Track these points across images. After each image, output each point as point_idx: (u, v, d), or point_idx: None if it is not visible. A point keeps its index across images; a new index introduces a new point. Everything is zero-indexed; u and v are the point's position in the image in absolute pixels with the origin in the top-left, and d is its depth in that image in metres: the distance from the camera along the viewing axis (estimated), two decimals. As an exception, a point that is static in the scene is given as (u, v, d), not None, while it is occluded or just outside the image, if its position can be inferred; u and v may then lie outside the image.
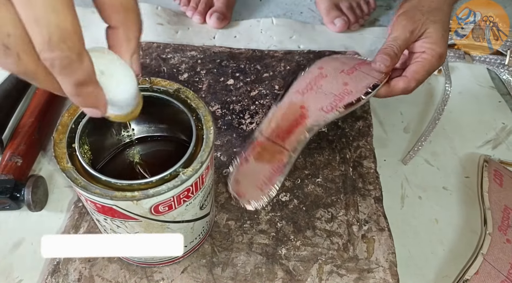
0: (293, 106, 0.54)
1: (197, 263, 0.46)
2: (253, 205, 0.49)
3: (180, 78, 0.65)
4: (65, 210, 0.52)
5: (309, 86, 0.55)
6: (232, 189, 0.50)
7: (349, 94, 0.53)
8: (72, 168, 0.32)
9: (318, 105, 0.53)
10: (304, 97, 0.54)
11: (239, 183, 0.50)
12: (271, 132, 0.53)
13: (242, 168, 0.51)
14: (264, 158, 0.52)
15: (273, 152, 0.52)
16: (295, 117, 0.53)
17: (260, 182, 0.50)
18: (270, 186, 0.50)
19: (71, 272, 0.45)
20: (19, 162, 0.52)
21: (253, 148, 0.52)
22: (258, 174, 0.51)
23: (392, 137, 0.64)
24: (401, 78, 0.54)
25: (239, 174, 0.51)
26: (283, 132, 0.52)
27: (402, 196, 0.57)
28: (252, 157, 0.52)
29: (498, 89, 0.72)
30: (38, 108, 0.58)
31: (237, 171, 0.51)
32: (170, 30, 0.75)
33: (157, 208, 0.33)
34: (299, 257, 0.47)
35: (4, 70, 0.24)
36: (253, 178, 0.51)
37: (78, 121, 0.36)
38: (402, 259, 0.49)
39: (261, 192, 0.49)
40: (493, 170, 0.58)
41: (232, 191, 0.50)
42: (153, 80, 0.39)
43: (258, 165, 0.51)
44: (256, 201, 0.49)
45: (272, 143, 0.52)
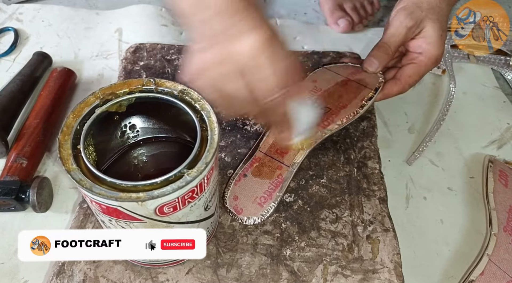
0: None
1: (202, 264, 0.46)
2: (251, 221, 0.49)
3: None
4: (70, 211, 0.52)
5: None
6: (229, 204, 0.50)
7: (345, 108, 0.54)
8: (77, 169, 0.33)
9: None
10: None
11: (237, 199, 0.50)
12: (269, 148, 0.54)
13: (240, 184, 0.51)
14: (263, 173, 0.52)
15: (272, 167, 0.52)
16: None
17: (259, 197, 0.50)
18: (270, 201, 0.50)
19: (76, 273, 0.45)
20: (24, 163, 0.52)
21: (251, 164, 0.53)
22: (257, 189, 0.51)
23: (397, 138, 0.64)
24: (395, 83, 0.54)
25: (237, 189, 0.51)
26: (281, 147, 0.53)
27: (407, 196, 0.57)
28: (250, 173, 0.52)
29: (502, 89, 0.72)
30: (43, 110, 0.58)
31: (234, 186, 0.51)
32: (174, 32, 0.76)
33: (162, 209, 0.34)
34: (304, 257, 0.47)
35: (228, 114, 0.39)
36: (252, 193, 0.51)
37: (83, 123, 0.36)
38: (407, 259, 0.48)
39: (261, 208, 0.50)
40: (498, 170, 0.57)
41: (230, 206, 0.50)
42: (158, 81, 0.39)
43: (257, 180, 0.52)
44: (255, 216, 0.49)
45: (270, 158, 0.53)
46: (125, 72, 0.65)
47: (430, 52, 0.52)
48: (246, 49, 0.34)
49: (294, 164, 0.52)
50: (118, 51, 0.72)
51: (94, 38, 0.75)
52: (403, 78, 0.53)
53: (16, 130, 0.58)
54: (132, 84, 0.39)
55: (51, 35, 0.74)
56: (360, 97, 0.54)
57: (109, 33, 0.75)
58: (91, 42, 0.74)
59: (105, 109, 0.38)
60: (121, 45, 0.73)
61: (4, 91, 0.59)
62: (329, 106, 0.54)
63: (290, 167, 0.52)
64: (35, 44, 0.72)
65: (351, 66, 0.59)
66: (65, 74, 0.64)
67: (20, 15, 0.77)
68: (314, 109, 0.42)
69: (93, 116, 0.37)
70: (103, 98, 0.38)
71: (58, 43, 0.73)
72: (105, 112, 0.38)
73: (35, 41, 0.73)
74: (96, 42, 0.74)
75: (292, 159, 0.52)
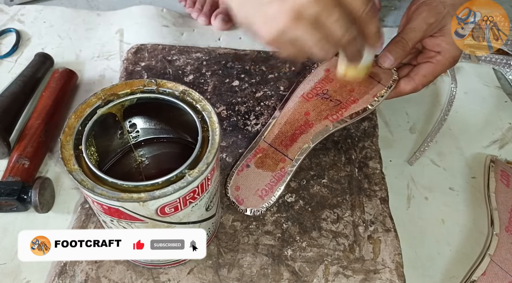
0: (297, 112, 0.53)
1: (203, 264, 0.46)
2: (252, 213, 0.49)
3: (185, 80, 0.65)
4: (72, 211, 0.53)
5: (314, 91, 0.54)
6: (231, 194, 0.50)
7: (355, 103, 0.52)
8: (79, 169, 0.33)
9: (323, 113, 0.52)
10: (309, 104, 0.53)
11: (239, 189, 0.50)
12: (274, 138, 0.53)
13: (242, 174, 0.51)
14: (266, 165, 0.51)
15: (275, 159, 0.51)
16: (299, 125, 0.52)
17: (260, 190, 0.50)
18: (270, 194, 0.50)
19: (78, 273, 0.45)
20: (26, 163, 0.53)
21: (255, 154, 0.52)
22: (259, 181, 0.51)
23: (398, 138, 0.64)
24: (409, 81, 0.52)
25: (239, 180, 0.51)
26: (286, 139, 0.52)
27: (408, 196, 0.57)
28: (253, 163, 0.52)
29: (504, 89, 0.72)
30: (45, 111, 0.58)
31: (237, 176, 0.51)
32: (175, 32, 0.76)
33: (163, 209, 0.34)
34: (305, 258, 0.47)
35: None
36: (254, 185, 0.50)
37: (85, 123, 0.36)
38: (408, 260, 0.48)
39: (262, 200, 0.49)
40: (500, 170, 0.57)
41: (231, 196, 0.50)
42: (159, 82, 0.39)
43: (260, 172, 0.51)
44: (255, 208, 0.49)
45: (274, 150, 0.52)
46: (126, 73, 0.65)
47: (449, 52, 0.49)
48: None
49: (298, 158, 0.51)
50: (119, 52, 0.72)
51: (96, 39, 0.75)
52: (418, 77, 0.51)
53: (18, 131, 0.58)
54: (134, 85, 0.39)
55: (53, 36, 0.74)
56: (372, 93, 0.52)
57: (110, 34, 0.75)
58: (93, 43, 0.74)
59: (107, 110, 0.38)
60: (122, 46, 0.73)
61: (6, 92, 0.59)
62: (339, 99, 0.53)
63: (293, 160, 0.51)
64: (37, 45, 0.73)
65: None
66: (66, 75, 0.64)
67: (22, 16, 0.77)
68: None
69: (94, 117, 0.37)
70: (105, 99, 0.38)
71: (60, 44, 0.73)
72: (107, 113, 0.38)
73: (37, 42, 0.73)
74: (98, 43, 0.74)
75: (297, 152, 0.51)
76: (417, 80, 0.52)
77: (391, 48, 0.51)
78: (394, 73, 0.54)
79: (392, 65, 0.52)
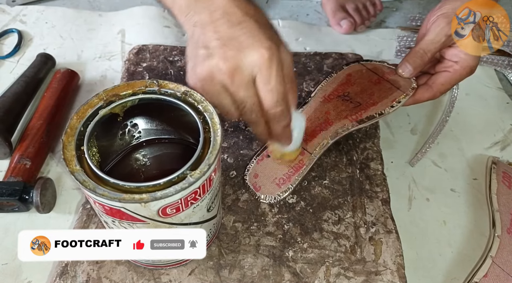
0: (318, 111, 0.55)
1: (204, 265, 0.46)
2: (267, 199, 0.51)
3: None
4: (73, 211, 0.53)
5: (335, 93, 0.57)
6: (249, 181, 0.52)
7: (374, 106, 0.54)
8: (81, 170, 0.33)
9: (343, 113, 0.55)
10: (330, 104, 0.56)
11: (257, 177, 0.52)
12: None
13: (262, 163, 0.53)
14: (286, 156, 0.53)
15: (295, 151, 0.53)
16: (320, 122, 0.55)
17: (278, 178, 0.52)
18: (288, 183, 0.52)
19: (79, 274, 0.45)
20: (27, 164, 0.53)
21: None
22: (278, 170, 0.53)
23: (399, 139, 0.63)
24: (427, 89, 0.53)
25: (258, 168, 0.53)
26: (306, 134, 0.54)
27: (410, 198, 0.57)
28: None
29: (506, 90, 0.72)
30: (46, 111, 0.58)
31: (256, 164, 0.53)
32: (177, 33, 0.76)
33: (165, 210, 0.34)
34: (306, 259, 0.47)
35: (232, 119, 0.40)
36: (272, 174, 0.53)
37: (87, 124, 0.36)
38: (410, 261, 0.48)
39: (278, 188, 0.51)
40: (501, 172, 0.57)
41: (249, 182, 0.52)
42: (161, 83, 0.39)
43: (279, 162, 0.53)
44: (271, 195, 0.51)
45: None
46: (128, 74, 0.65)
47: (467, 62, 0.51)
48: (259, 59, 0.35)
49: (317, 152, 0.53)
50: (121, 52, 0.73)
51: (97, 39, 0.75)
52: (436, 85, 0.53)
53: (19, 132, 0.58)
54: (135, 85, 0.39)
55: (55, 37, 0.74)
56: (391, 98, 0.54)
57: (112, 35, 0.76)
58: (94, 43, 0.74)
59: (109, 111, 0.38)
60: (124, 47, 0.73)
61: (8, 92, 0.59)
62: (359, 101, 0.55)
63: (312, 154, 0.53)
64: (39, 45, 0.73)
65: (387, 66, 0.59)
66: (68, 75, 0.64)
67: (24, 17, 0.78)
68: (304, 121, 0.45)
69: (96, 117, 0.37)
70: (107, 100, 0.38)
71: (62, 45, 0.73)
72: (109, 114, 0.38)
73: (39, 42, 0.73)
74: (99, 44, 0.74)
75: (316, 147, 0.53)
76: (435, 88, 0.53)
77: (410, 58, 0.53)
78: (413, 81, 0.55)
79: (411, 74, 0.54)
